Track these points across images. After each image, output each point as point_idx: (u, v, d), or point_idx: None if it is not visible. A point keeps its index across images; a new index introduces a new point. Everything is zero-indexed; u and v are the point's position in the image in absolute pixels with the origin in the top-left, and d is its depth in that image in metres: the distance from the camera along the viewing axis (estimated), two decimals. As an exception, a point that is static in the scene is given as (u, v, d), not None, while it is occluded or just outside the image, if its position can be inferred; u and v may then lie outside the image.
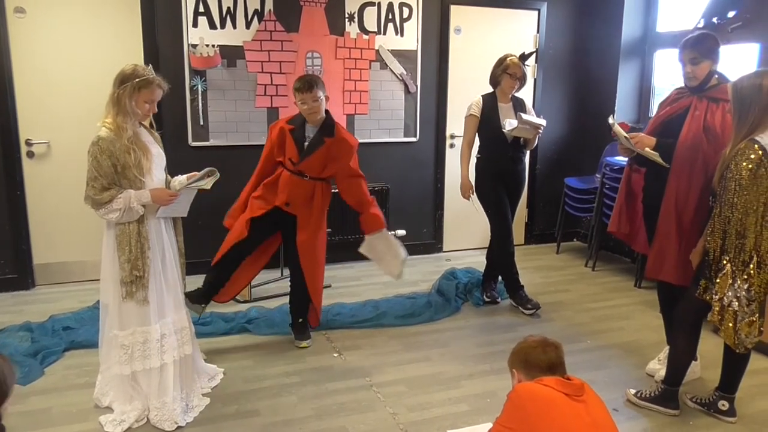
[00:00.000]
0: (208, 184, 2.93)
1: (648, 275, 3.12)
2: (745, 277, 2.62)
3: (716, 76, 2.97)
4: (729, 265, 2.65)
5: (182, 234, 3.06)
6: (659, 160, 2.96)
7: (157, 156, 2.90)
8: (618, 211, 3.34)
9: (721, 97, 2.89)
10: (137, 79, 2.72)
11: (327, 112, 3.47)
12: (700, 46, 2.90)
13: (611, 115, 3.18)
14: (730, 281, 2.65)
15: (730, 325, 2.67)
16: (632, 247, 3.45)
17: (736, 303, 2.64)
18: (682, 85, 3.08)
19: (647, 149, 2.98)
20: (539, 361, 2.05)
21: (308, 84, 3.36)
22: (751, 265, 2.61)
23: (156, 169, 2.87)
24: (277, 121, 3.63)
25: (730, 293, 2.65)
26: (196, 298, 3.43)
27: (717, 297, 2.69)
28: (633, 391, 3.10)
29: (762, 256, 2.60)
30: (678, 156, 2.92)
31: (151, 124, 2.94)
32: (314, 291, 3.63)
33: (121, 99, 2.71)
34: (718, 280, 2.69)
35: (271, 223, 3.52)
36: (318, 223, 3.56)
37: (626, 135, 3.01)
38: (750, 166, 2.55)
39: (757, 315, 2.65)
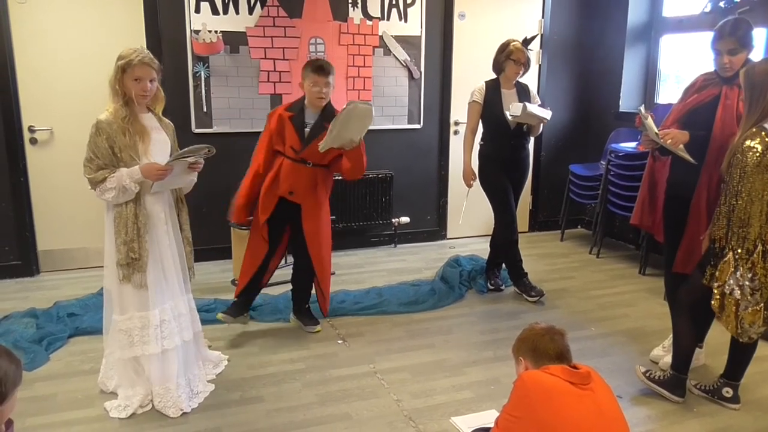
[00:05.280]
0: (200, 157, 2.87)
1: (677, 269, 3.07)
2: (749, 266, 2.60)
3: None
4: (731, 253, 2.63)
5: (188, 222, 3.06)
6: (688, 157, 2.86)
7: (159, 141, 2.88)
8: (641, 203, 3.29)
9: None
10: (120, 60, 2.76)
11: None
12: (737, 34, 2.80)
13: (642, 106, 3.08)
14: (732, 269, 2.63)
15: (732, 312, 2.66)
16: (657, 238, 3.37)
17: (738, 291, 2.63)
18: (708, 70, 2.98)
19: (680, 146, 2.88)
20: (548, 349, 2.04)
21: (326, 68, 3.36)
22: (755, 254, 2.59)
23: (157, 153, 2.84)
24: (275, 109, 3.54)
25: (731, 281, 2.64)
26: (237, 311, 3.59)
27: (717, 284, 2.68)
28: (643, 369, 3.09)
29: (767, 245, 2.58)
30: (712, 149, 2.85)
31: (164, 111, 2.94)
32: (323, 279, 3.64)
33: (111, 81, 2.77)
34: (719, 268, 2.68)
35: (280, 219, 3.51)
36: (322, 211, 3.56)
37: (657, 131, 2.91)
38: (756, 153, 2.52)
39: (762, 305, 2.63)
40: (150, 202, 2.84)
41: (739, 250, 2.62)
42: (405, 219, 5.39)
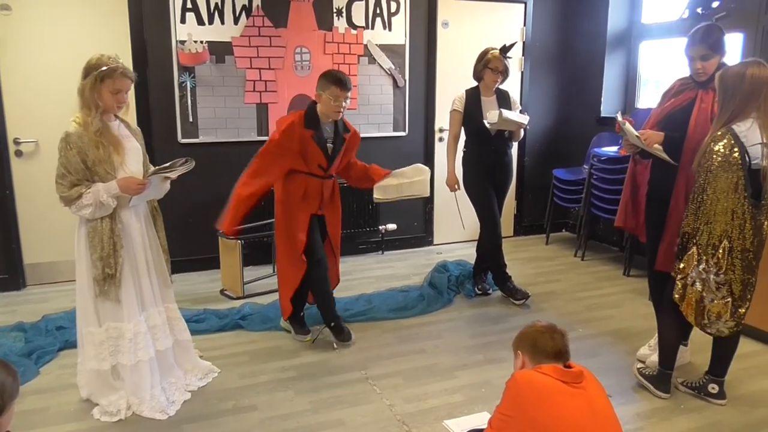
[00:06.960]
0: (181, 170, 2.84)
1: (659, 267, 3.12)
2: (715, 260, 2.69)
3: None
4: (695, 247, 2.74)
5: (163, 230, 3.05)
6: (667, 158, 2.95)
7: (132, 150, 2.83)
8: (624, 206, 3.36)
9: None
10: (98, 70, 2.66)
11: None
12: (709, 41, 2.87)
13: (619, 113, 3.16)
14: (695, 263, 2.74)
15: (692, 303, 2.78)
16: (640, 240, 3.42)
17: (700, 284, 2.74)
18: (685, 75, 3.06)
19: (656, 146, 2.96)
20: (547, 347, 2.08)
21: (348, 85, 3.33)
22: (721, 250, 2.68)
23: (131, 163, 2.81)
24: (291, 126, 3.31)
25: (693, 273, 2.75)
26: (301, 330, 3.70)
27: (680, 276, 2.79)
28: (639, 365, 3.20)
29: (734, 242, 2.67)
30: (687, 150, 2.92)
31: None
32: (335, 279, 3.84)
33: (84, 91, 2.67)
34: (684, 260, 2.78)
35: (314, 232, 3.54)
36: (340, 212, 3.70)
37: (637, 134, 2.98)
38: (720, 153, 2.62)
39: (729, 299, 2.72)
40: (126, 215, 2.81)
41: (703, 244, 2.72)
42: (392, 226, 5.42)
